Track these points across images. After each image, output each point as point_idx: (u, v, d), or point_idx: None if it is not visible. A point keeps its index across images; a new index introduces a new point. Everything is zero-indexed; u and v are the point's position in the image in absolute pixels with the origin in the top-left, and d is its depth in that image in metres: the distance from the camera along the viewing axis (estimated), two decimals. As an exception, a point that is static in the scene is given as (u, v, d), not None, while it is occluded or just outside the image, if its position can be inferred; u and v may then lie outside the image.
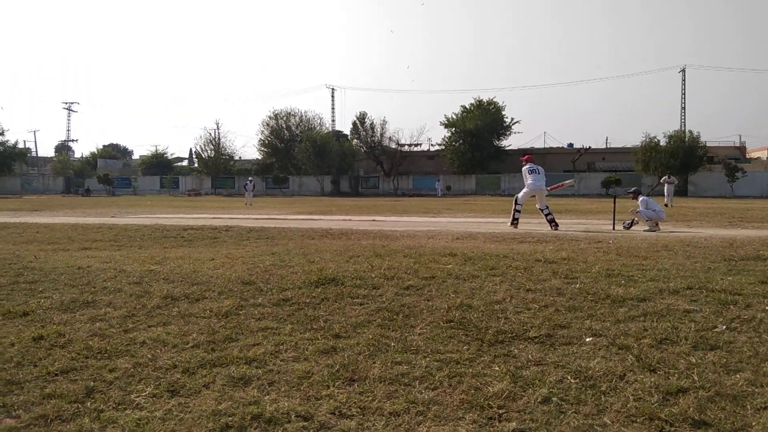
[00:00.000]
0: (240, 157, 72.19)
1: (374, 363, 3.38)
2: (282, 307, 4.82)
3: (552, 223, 12.85)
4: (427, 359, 3.44)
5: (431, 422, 2.63)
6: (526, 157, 14.47)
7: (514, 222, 13.28)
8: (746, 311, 4.52)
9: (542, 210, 13.24)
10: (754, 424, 2.56)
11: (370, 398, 2.89)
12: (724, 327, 4.09)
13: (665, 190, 27.03)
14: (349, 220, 16.69)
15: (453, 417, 2.68)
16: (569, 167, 63.35)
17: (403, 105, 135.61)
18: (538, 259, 7.27)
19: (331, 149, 61.47)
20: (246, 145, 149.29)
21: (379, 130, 64.86)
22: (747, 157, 69.85)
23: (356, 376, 3.19)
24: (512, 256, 7.54)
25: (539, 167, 13.95)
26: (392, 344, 3.75)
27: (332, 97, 77.95)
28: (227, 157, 68.85)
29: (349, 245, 9.01)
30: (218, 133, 67.45)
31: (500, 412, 2.71)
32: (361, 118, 65.12)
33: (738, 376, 3.14)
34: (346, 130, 70.11)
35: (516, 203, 13.49)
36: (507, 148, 65.90)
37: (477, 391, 2.95)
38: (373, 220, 16.25)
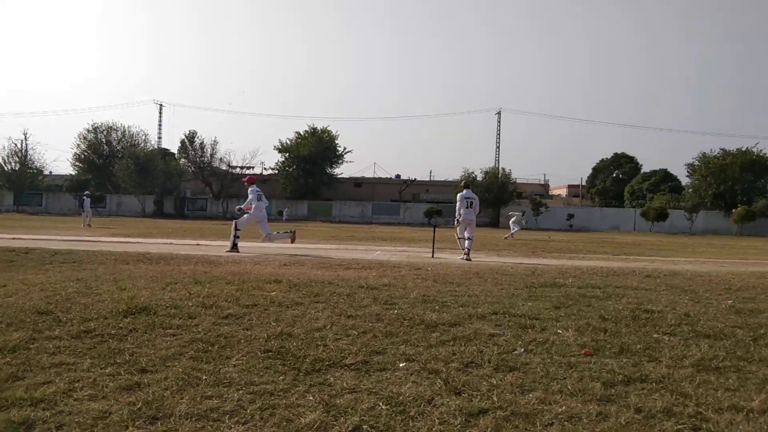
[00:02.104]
0: (50, 172, 65.66)
1: (182, 398, 3.18)
2: (82, 339, 4.38)
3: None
4: (240, 392, 3.31)
5: (238, 459, 2.52)
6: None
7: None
8: (541, 334, 4.97)
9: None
10: (541, 439, 2.79)
11: (174, 437, 2.70)
12: (522, 349, 4.45)
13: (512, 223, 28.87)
14: (171, 243, 15.82)
15: (262, 452, 2.59)
16: (396, 197, 66.17)
17: (237, 127, 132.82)
18: (362, 285, 7.42)
19: (155, 167, 58.27)
20: (58, 159, 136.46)
21: (209, 150, 62.92)
22: (550, 193, 78.27)
23: (160, 413, 2.97)
24: (337, 282, 7.62)
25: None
26: (204, 377, 3.56)
27: (160, 113, 74.26)
28: (35, 171, 62.16)
29: (167, 271, 8.51)
30: (26, 144, 60.74)
31: (310, 443, 2.68)
32: (191, 136, 62.73)
33: (531, 395, 3.41)
34: (174, 148, 66.96)
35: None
36: (339, 176, 67.32)
37: (289, 422, 2.89)
38: (198, 245, 15.56)
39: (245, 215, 13.83)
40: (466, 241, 13.50)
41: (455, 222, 14.39)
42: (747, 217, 53.66)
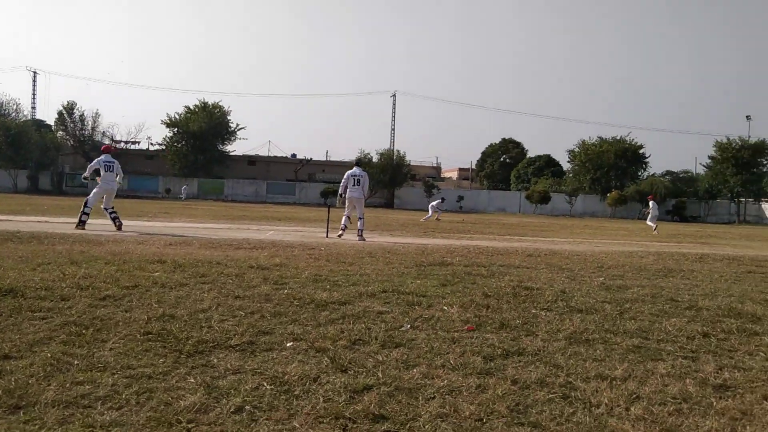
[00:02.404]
0: None
1: (49, 385, 2.96)
2: (-65, 325, 3.98)
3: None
4: (116, 376, 3.14)
5: (110, 446, 2.39)
6: None
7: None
8: (428, 311, 5.10)
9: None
10: (423, 413, 2.86)
11: (38, 426, 2.51)
12: (409, 326, 4.55)
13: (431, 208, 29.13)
14: (47, 222, 14.75)
15: (136, 438, 2.48)
16: (292, 176, 65.38)
17: (123, 99, 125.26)
18: (252, 265, 7.27)
19: (29, 140, 53.80)
20: None
21: (90, 123, 58.96)
22: (441, 176, 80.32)
23: (24, 401, 2.75)
24: (225, 262, 7.43)
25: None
26: (76, 362, 3.34)
27: (34, 81, 68.69)
28: None
29: (39, 251, 7.91)
30: None
31: (190, 426, 2.59)
32: (69, 108, 58.53)
33: (415, 370, 3.50)
34: (51, 120, 62.14)
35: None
36: (231, 154, 65.38)
37: (167, 406, 2.78)
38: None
39: (94, 190, 13.26)
40: (359, 221, 13.51)
41: (338, 199, 14.18)
42: (619, 201, 57.95)
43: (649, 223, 25.89)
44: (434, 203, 30.10)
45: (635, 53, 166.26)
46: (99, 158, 13.53)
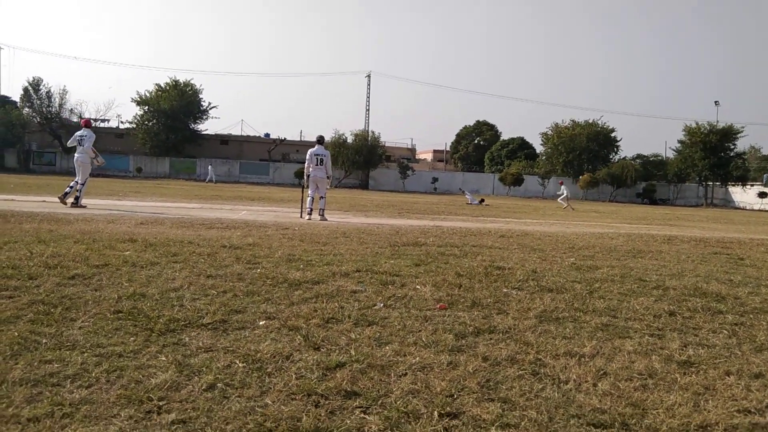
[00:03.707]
0: None
1: (17, 364, 2.92)
2: None
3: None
4: (85, 355, 3.11)
5: (79, 424, 2.36)
6: None
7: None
8: (401, 290, 5.13)
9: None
10: (394, 390, 2.89)
11: (5, 404, 2.48)
12: (382, 305, 4.57)
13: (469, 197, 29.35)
14: (12, 200, 14.40)
15: (106, 415, 2.45)
16: (265, 156, 64.76)
17: (92, 77, 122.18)
18: (224, 245, 7.21)
19: (-7, 117, 52.32)
20: None
21: (57, 100, 57.48)
22: (416, 158, 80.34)
23: (-10, 381, 2.72)
24: (197, 242, 7.35)
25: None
26: (44, 341, 3.29)
27: (-3, 56, 66.41)
28: None
29: (5, 229, 7.73)
30: None
31: (160, 404, 2.57)
32: (35, 84, 56.96)
33: (387, 347, 3.53)
34: (16, 96, 60.40)
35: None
36: (203, 133, 64.50)
37: (137, 384, 2.76)
38: (44, 201, 14.29)
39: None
40: (320, 201, 13.29)
41: (304, 179, 13.86)
42: (591, 184, 58.68)
43: (560, 202, 29.50)
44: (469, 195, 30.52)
45: (609, 39, 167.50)
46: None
